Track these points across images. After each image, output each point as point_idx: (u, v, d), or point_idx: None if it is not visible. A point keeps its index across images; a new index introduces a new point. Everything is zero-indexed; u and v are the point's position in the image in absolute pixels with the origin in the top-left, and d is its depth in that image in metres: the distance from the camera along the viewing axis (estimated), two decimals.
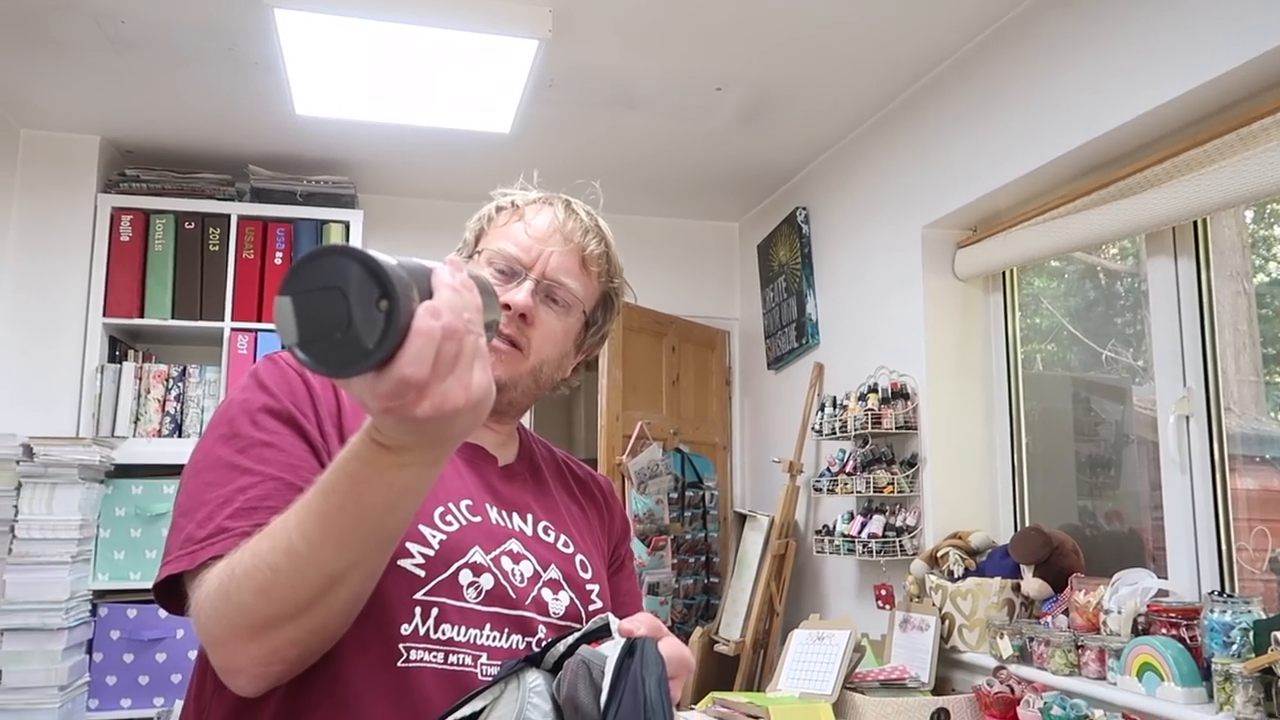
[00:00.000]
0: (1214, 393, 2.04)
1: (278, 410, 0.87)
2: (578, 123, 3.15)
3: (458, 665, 0.88)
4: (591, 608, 1.00)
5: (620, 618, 0.88)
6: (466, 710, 0.80)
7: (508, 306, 0.98)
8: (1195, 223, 2.07)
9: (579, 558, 1.03)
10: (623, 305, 1.13)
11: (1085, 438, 2.62)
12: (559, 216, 1.04)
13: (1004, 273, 2.74)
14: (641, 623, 0.84)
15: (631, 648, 0.80)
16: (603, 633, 0.86)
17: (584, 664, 0.80)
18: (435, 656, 0.87)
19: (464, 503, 0.95)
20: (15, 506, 2.84)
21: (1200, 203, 1.92)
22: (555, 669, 0.86)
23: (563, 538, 1.03)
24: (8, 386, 3.11)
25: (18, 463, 2.86)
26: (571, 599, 0.98)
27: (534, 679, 0.84)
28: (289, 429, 0.86)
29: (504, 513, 1.00)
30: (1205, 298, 2.08)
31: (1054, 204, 2.34)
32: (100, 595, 3.05)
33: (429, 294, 0.63)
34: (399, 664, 0.85)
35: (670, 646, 0.84)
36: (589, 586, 1.01)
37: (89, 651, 3.00)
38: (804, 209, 3.55)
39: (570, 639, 0.87)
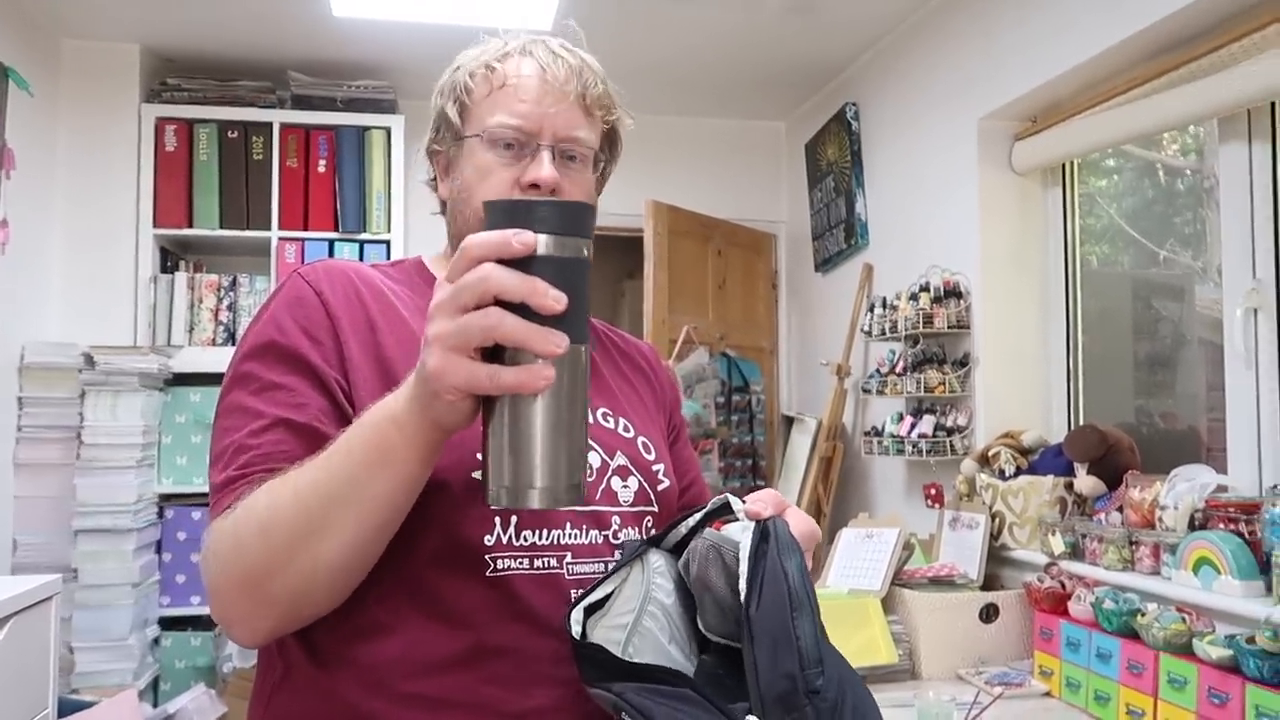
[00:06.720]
0: None
1: (285, 348, 0.88)
2: (619, 18, 3.06)
3: (544, 568, 0.88)
4: (660, 488, 1.00)
5: (683, 485, 0.86)
6: (596, 595, 0.81)
7: (535, 185, 0.93)
8: (1274, 105, 1.96)
9: (641, 440, 1.02)
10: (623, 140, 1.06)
11: (1143, 337, 2.56)
12: (546, 65, 0.95)
13: (1063, 167, 2.64)
14: (767, 502, 0.82)
15: (764, 531, 0.77)
16: (722, 511, 0.85)
17: (714, 548, 0.79)
18: (521, 563, 0.87)
19: None
20: (80, 414, 2.93)
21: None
22: (676, 550, 0.86)
23: (623, 421, 1.02)
24: (65, 297, 3.17)
25: (80, 371, 2.94)
26: (640, 483, 0.98)
27: (656, 560, 0.84)
28: (295, 367, 0.87)
29: None
30: (1279, 185, 1.98)
31: (1121, 89, 2.23)
32: (166, 499, 3.16)
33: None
34: (488, 574, 0.86)
35: (796, 520, 0.83)
36: (654, 468, 1.01)
37: (158, 551, 3.12)
38: (854, 105, 3.43)
39: (692, 520, 0.86)
